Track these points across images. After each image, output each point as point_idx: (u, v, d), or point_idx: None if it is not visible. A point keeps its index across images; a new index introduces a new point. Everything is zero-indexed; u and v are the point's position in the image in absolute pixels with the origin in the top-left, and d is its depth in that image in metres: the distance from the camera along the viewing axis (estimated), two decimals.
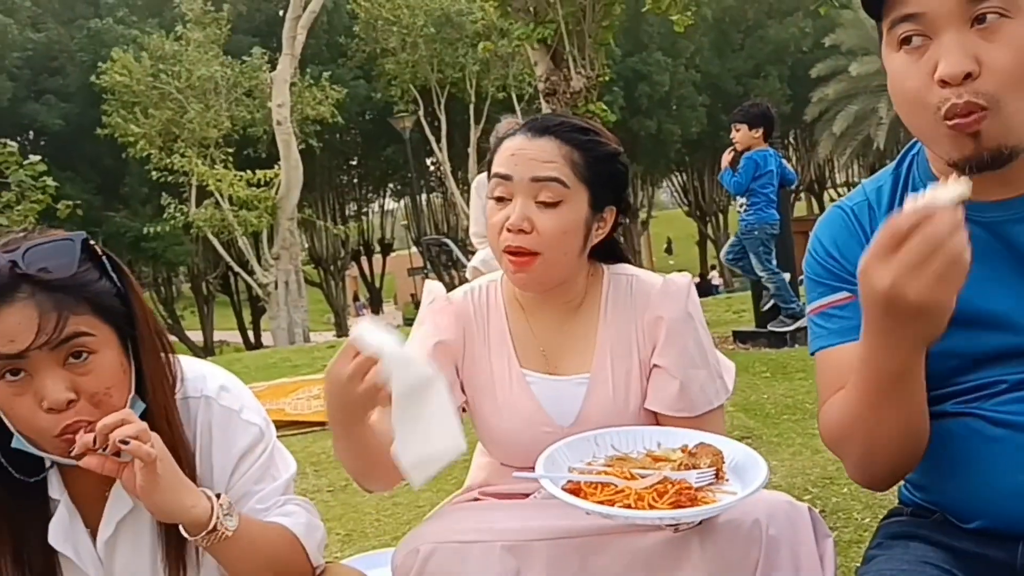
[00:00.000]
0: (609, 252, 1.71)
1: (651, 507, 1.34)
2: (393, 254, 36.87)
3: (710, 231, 35.57)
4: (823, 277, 1.35)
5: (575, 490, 1.39)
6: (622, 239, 1.78)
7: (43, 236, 1.30)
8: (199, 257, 21.24)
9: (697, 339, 1.63)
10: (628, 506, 1.34)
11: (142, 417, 1.37)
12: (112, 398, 1.30)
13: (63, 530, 1.39)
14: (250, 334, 31.34)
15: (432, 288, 1.75)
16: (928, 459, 1.29)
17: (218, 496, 1.33)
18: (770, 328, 6.30)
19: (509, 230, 1.55)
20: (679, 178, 36.60)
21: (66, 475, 1.40)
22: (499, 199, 1.59)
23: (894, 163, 1.34)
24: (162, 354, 1.39)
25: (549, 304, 1.67)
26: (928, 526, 1.30)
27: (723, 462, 1.41)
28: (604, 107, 10.21)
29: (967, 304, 1.22)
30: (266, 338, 26.67)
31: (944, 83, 1.11)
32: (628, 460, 1.46)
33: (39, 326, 1.22)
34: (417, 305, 1.74)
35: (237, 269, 21.43)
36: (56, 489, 1.39)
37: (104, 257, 1.33)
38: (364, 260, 34.71)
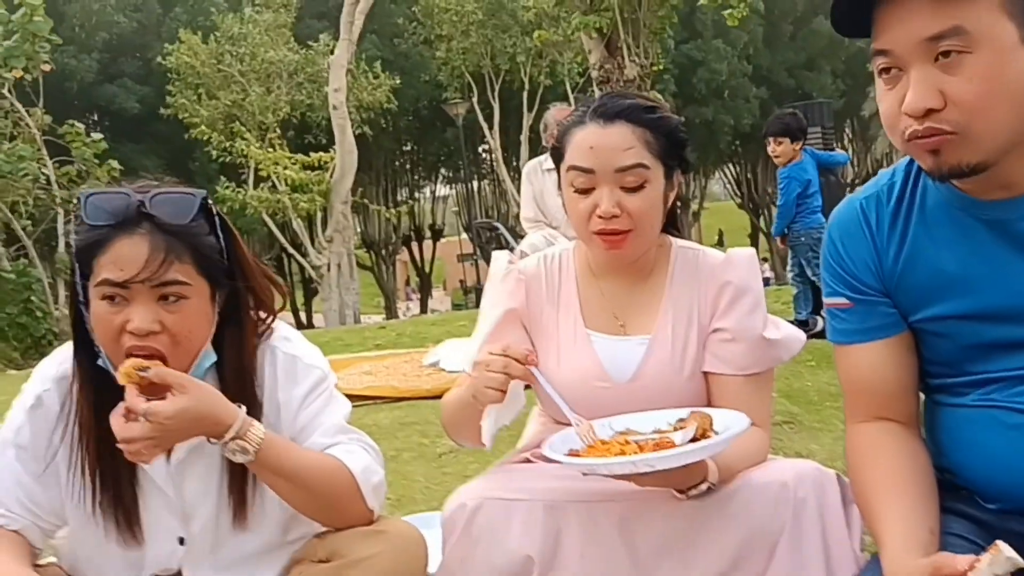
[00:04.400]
0: (668, 217, 1.79)
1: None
2: (443, 240, 36.99)
3: (762, 224, 35.07)
4: (831, 274, 1.43)
5: (574, 454, 1.51)
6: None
7: (171, 187, 1.47)
8: (261, 226, 21.61)
9: (759, 305, 1.71)
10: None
11: (219, 367, 1.50)
12: (191, 341, 1.45)
13: None
14: (302, 316, 31.76)
15: (498, 259, 1.86)
16: (952, 445, 1.36)
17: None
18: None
19: (601, 216, 1.64)
20: (731, 170, 36.17)
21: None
22: (581, 190, 1.67)
23: (909, 156, 1.39)
24: (253, 314, 1.54)
25: (621, 271, 1.77)
26: (953, 499, 1.35)
27: (710, 426, 1.48)
28: (657, 96, 10.19)
29: (977, 299, 1.29)
30: (317, 320, 26.99)
31: (908, 114, 1.19)
32: (631, 432, 1.54)
33: (146, 262, 1.39)
34: (465, 291, 1.88)
35: (291, 251, 21.73)
36: None
37: (217, 217, 1.48)
38: (415, 245, 34.91)
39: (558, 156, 1.73)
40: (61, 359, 1.56)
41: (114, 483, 1.51)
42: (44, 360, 1.60)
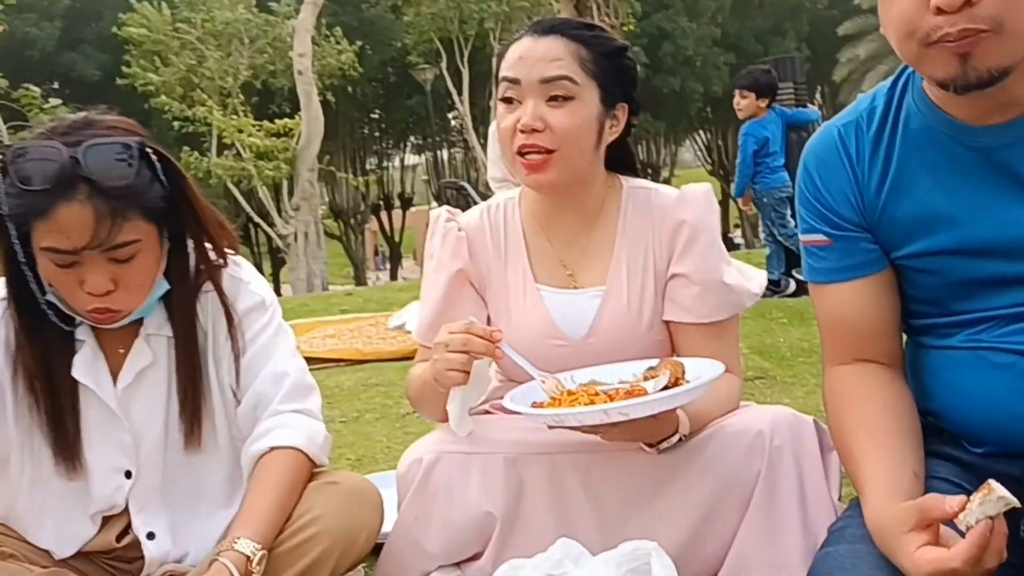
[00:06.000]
0: (623, 161, 1.70)
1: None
2: (413, 209, 36.82)
3: (733, 190, 35.27)
4: (808, 209, 1.35)
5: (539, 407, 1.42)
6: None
7: (104, 132, 1.38)
8: (223, 199, 21.36)
9: (716, 244, 1.61)
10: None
11: (165, 295, 1.50)
12: (146, 286, 1.44)
13: (87, 366, 1.50)
14: (270, 286, 31.53)
15: (436, 217, 1.74)
16: (939, 389, 1.30)
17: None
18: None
19: (522, 131, 1.53)
20: (702, 137, 36.26)
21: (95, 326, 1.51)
22: (508, 100, 1.57)
23: (890, 81, 1.31)
24: (205, 246, 1.51)
25: (566, 216, 1.66)
26: (937, 442, 1.30)
27: (683, 373, 1.40)
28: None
29: (964, 232, 1.22)
30: (285, 290, 26.79)
31: (940, 11, 1.06)
32: (598, 383, 1.46)
33: (94, 231, 1.32)
34: None
35: (257, 220, 21.50)
36: (83, 332, 1.51)
37: (158, 159, 1.41)
38: (384, 214, 34.71)
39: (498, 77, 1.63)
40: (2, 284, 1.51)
41: (59, 404, 1.48)
42: None
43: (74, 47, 25.46)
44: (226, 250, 1.55)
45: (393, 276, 32.89)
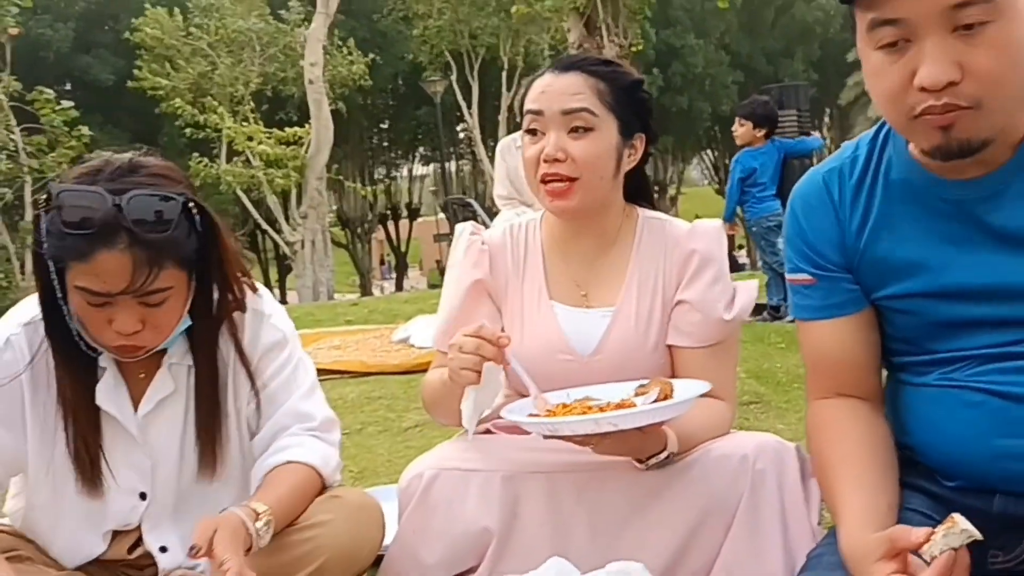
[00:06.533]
0: (639, 191, 1.79)
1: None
2: (420, 219, 36.79)
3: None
4: (794, 250, 1.41)
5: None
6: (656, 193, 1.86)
7: (148, 179, 1.41)
8: (232, 205, 21.37)
9: (722, 278, 1.69)
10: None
11: (188, 331, 1.53)
12: (172, 327, 1.48)
13: (109, 392, 1.53)
14: (276, 293, 31.47)
15: (462, 231, 1.83)
16: (913, 424, 1.35)
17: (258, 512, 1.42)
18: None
19: (545, 160, 1.63)
20: (710, 155, 36.25)
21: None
22: (533, 132, 1.67)
23: (873, 131, 1.37)
24: (229, 292, 1.54)
25: (584, 238, 1.75)
26: (913, 475, 1.35)
27: (671, 392, 1.48)
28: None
29: (939, 277, 1.27)
30: (291, 297, 26.82)
31: (925, 89, 1.13)
32: (591, 399, 1.53)
33: (131, 279, 1.36)
34: (442, 272, 1.85)
35: (265, 227, 21.54)
36: (104, 359, 1.53)
37: (197, 211, 1.44)
38: (391, 224, 34.73)
39: (522, 111, 1.72)
40: (31, 305, 1.54)
41: (83, 428, 1.51)
42: (14, 307, 1.59)
43: (88, 50, 25.41)
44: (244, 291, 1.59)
45: (399, 286, 32.82)
